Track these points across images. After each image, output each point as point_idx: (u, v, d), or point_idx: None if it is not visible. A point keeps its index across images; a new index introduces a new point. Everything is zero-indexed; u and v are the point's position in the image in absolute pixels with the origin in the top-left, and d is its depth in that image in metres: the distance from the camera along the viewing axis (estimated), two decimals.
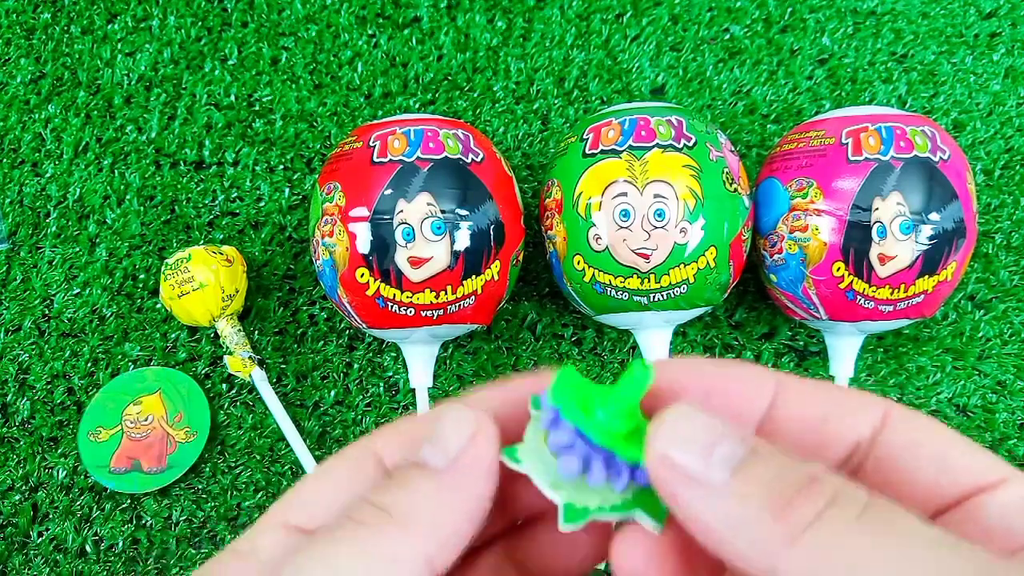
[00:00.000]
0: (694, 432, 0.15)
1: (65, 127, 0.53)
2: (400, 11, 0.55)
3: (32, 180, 0.52)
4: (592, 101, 0.53)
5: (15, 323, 0.49)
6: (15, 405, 0.48)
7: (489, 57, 0.54)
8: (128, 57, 0.55)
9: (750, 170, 0.51)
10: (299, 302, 0.50)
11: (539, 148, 0.53)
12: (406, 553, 0.14)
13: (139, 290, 0.50)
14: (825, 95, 0.53)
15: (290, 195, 0.52)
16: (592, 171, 0.40)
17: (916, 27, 0.55)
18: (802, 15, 0.55)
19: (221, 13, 0.56)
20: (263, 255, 0.50)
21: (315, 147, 0.53)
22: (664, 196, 0.39)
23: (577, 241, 0.41)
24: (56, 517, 0.45)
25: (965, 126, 0.53)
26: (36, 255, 0.51)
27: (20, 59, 0.55)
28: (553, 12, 0.55)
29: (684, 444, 0.15)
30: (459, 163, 0.41)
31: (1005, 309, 0.49)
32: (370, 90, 0.54)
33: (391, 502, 0.15)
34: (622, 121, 0.41)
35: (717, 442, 0.14)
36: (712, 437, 0.14)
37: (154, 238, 0.51)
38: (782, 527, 0.13)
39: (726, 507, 0.14)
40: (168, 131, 0.53)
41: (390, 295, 0.40)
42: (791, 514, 0.13)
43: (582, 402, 0.16)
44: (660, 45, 0.55)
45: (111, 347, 0.49)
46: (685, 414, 0.15)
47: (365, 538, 0.14)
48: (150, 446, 0.45)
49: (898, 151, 0.39)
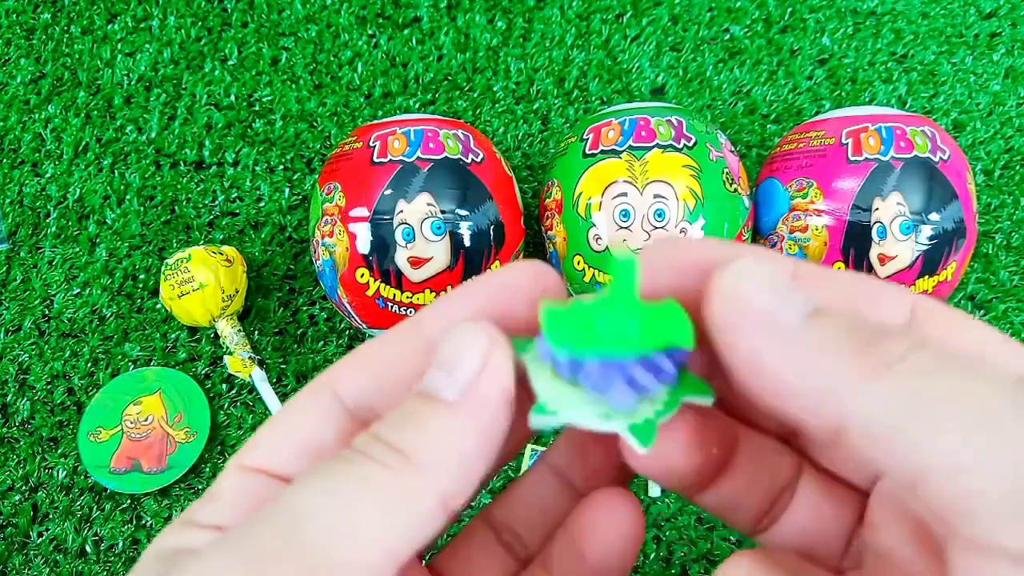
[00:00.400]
0: (764, 274, 0.14)
1: (65, 127, 0.53)
2: (400, 11, 0.55)
3: (32, 180, 0.52)
4: (592, 101, 0.53)
5: (15, 323, 0.49)
6: (15, 405, 0.48)
7: (489, 57, 0.54)
8: (128, 57, 0.55)
9: (750, 170, 0.51)
10: (299, 302, 0.50)
11: (539, 148, 0.53)
12: (423, 494, 0.13)
13: (139, 290, 0.50)
14: (825, 95, 0.53)
15: (290, 195, 0.52)
16: (592, 171, 0.40)
17: (916, 27, 0.55)
18: (802, 15, 0.55)
19: (221, 13, 0.56)
20: (263, 255, 0.50)
21: (315, 147, 0.53)
22: (664, 196, 0.39)
23: (577, 241, 0.41)
24: (56, 517, 0.45)
25: (965, 126, 0.53)
26: (36, 255, 0.51)
27: (20, 59, 0.55)
28: (553, 12, 0.55)
29: (756, 282, 0.14)
30: (459, 163, 0.41)
31: (1005, 309, 0.49)
32: (370, 90, 0.54)
33: (408, 445, 0.14)
34: (622, 121, 0.41)
35: (789, 286, 0.14)
36: (784, 281, 0.14)
37: (154, 238, 0.51)
38: (865, 363, 0.12)
39: (799, 349, 0.13)
40: (168, 131, 0.53)
41: (390, 295, 0.40)
42: (875, 352, 0.12)
43: (582, 327, 0.14)
44: (660, 45, 0.55)
45: (111, 347, 0.49)
46: (754, 259, 0.14)
47: (379, 478, 0.13)
48: (150, 446, 0.45)
49: (898, 151, 0.39)
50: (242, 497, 0.16)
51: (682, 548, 0.46)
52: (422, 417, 0.14)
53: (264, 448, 0.16)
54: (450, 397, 0.14)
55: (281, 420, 0.17)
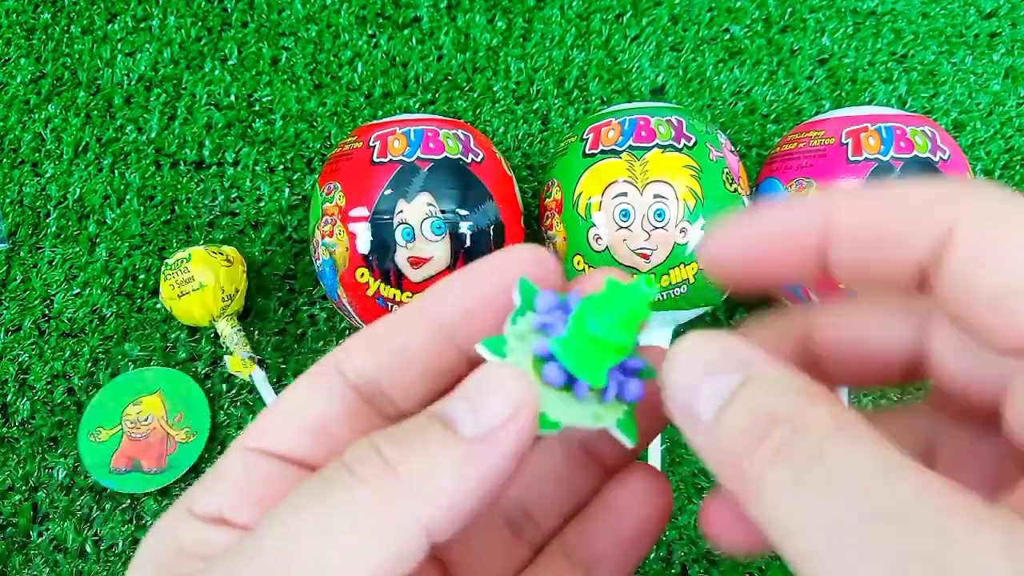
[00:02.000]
0: (692, 361, 0.14)
1: (65, 127, 0.53)
2: (400, 11, 0.55)
3: (32, 180, 0.52)
4: (592, 101, 0.53)
5: (15, 323, 0.49)
6: (15, 405, 0.48)
7: (489, 57, 0.54)
8: (128, 57, 0.55)
9: (750, 170, 0.51)
10: (299, 302, 0.50)
11: (539, 148, 0.53)
12: (406, 522, 0.13)
13: (139, 290, 0.50)
14: (825, 95, 0.53)
15: (290, 195, 0.52)
16: (592, 171, 0.40)
17: (916, 27, 0.55)
18: (802, 15, 0.55)
19: (221, 13, 0.56)
20: (263, 255, 0.50)
21: (315, 147, 0.53)
22: (664, 196, 0.39)
23: (577, 241, 0.41)
24: (56, 517, 0.45)
25: (965, 126, 0.53)
26: (36, 255, 0.51)
27: (20, 59, 0.55)
28: (553, 12, 0.55)
29: (682, 373, 0.14)
30: (459, 163, 0.41)
31: None
32: (370, 90, 0.54)
33: (403, 465, 0.13)
34: (622, 121, 0.41)
35: (710, 375, 0.14)
36: (712, 363, 0.14)
37: (154, 238, 0.51)
38: (742, 480, 0.12)
39: (708, 445, 0.13)
40: (168, 131, 0.53)
41: (390, 295, 0.40)
42: (747, 467, 0.12)
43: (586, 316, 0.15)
44: (660, 45, 0.55)
45: (111, 347, 0.49)
46: (692, 342, 0.14)
47: (364, 504, 0.13)
48: (150, 446, 0.45)
49: (898, 151, 0.39)
50: (246, 480, 0.15)
51: (682, 548, 0.46)
52: (429, 442, 0.13)
53: (269, 429, 0.16)
54: (468, 433, 0.13)
55: (285, 401, 0.16)
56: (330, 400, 0.16)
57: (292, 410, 0.16)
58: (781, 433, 0.12)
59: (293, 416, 0.16)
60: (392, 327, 0.16)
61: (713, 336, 0.14)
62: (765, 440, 0.12)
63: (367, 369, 0.16)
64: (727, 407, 0.13)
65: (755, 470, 0.12)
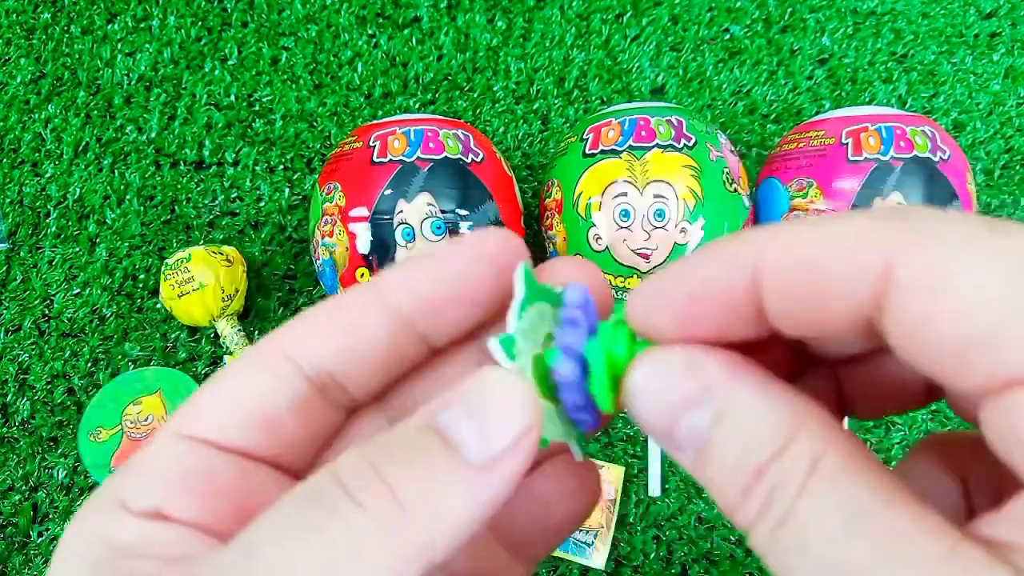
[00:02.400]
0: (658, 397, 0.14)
1: (65, 127, 0.53)
2: (400, 11, 0.55)
3: (32, 180, 0.52)
4: (592, 101, 0.53)
5: (15, 323, 0.49)
6: (15, 405, 0.48)
7: (489, 57, 0.54)
8: (128, 57, 0.55)
9: (750, 170, 0.51)
10: (299, 302, 0.50)
11: (539, 148, 0.53)
12: (410, 553, 0.12)
13: (139, 290, 0.50)
14: (825, 95, 0.53)
15: (290, 195, 0.52)
16: (592, 171, 0.40)
17: (916, 27, 0.55)
18: (802, 15, 0.55)
19: (221, 13, 0.56)
20: (263, 255, 0.50)
21: (315, 147, 0.53)
22: (664, 196, 0.39)
23: (577, 241, 0.41)
24: (56, 517, 0.45)
25: (965, 126, 0.53)
26: (36, 255, 0.51)
27: (20, 59, 0.55)
28: (553, 12, 0.55)
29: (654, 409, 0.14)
30: (459, 163, 0.41)
31: None
32: (370, 90, 0.54)
33: (408, 492, 0.12)
34: (622, 121, 0.41)
35: (684, 409, 0.13)
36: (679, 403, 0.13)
37: (154, 238, 0.51)
38: (739, 516, 0.13)
39: (696, 475, 0.14)
40: (168, 131, 0.53)
41: None
42: (740, 518, 0.13)
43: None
44: (660, 45, 0.55)
45: (111, 347, 0.49)
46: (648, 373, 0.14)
47: (362, 525, 0.12)
48: None
49: (898, 151, 0.39)
50: (184, 471, 0.14)
51: (682, 548, 0.46)
52: (432, 467, 0.13)
53: (205, 416, 0.14)
54: (476, 461, 0.13)
55: (226, 384, 0.15)
56: (277, 387, 0.15)
57: (233, 396, 0.15)
58: (762, 491, 0.12)
59: (235, 402, 0.14)
60: (346, 310, 0.15)
61: (673, 356, 0.14)
62: (751, 494, 0.12)
63: (320, 356, 0.15)
64: (708, 452, 0.13)
65: (746, 520, 0.13)
